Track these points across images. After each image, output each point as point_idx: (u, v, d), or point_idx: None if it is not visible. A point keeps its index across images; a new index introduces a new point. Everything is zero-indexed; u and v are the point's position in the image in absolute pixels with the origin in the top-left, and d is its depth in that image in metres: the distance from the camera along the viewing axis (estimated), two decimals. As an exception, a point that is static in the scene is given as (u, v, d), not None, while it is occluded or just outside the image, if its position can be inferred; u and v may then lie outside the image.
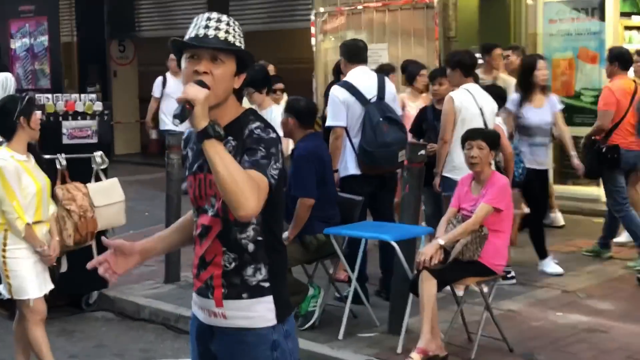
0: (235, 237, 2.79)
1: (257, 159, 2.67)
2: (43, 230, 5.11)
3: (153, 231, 4.90)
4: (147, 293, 7.04)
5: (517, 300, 6.45)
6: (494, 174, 5.37)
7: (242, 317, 2.83)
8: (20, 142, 5.04)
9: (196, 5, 15.48)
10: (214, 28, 2.75)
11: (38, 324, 5.08)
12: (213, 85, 2.70)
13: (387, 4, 11.81)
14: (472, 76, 6.85)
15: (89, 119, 6.83)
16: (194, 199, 2.88)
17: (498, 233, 5.23)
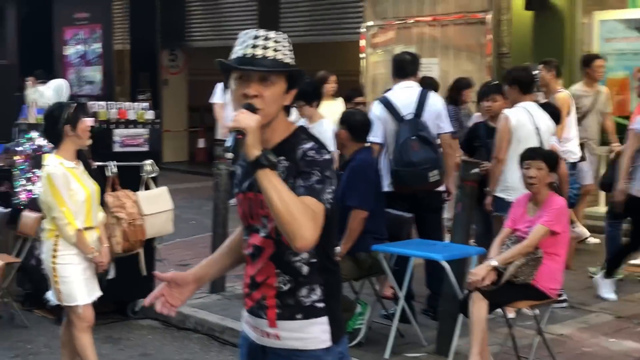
0: (289, 260, 2.73)
1: (312, 184, 2.61)
2: (93, 237, 5.12)
3: (200, 240, 4.97)
4: (193, 303, 7.01)
5: (568, 325, 6.30)
6: (552, 195, 5.25)
7: (296, 338, 2.77)
8: (68, 149, 5.05)
9: (247, 15, 15.56)
10: (262, 47, 2.67)
11: (85, 330, 5.09)
12: (264, 107, 2.64)
13: (439, 19, 11.72)
14: (529, 93, 6.72)
15: (140, 127, 6.86)
16: (243, 217, 2.82)
17: (554, 256, 5.11)
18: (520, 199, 5.43)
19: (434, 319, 6.33)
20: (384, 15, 12.39)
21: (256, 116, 2.57)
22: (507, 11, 10.94)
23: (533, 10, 10.64)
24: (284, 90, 2.71)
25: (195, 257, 8.84)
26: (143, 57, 17.22)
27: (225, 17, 16.29)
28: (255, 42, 2.67)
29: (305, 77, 2.81)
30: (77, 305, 5.03)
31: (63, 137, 5.01)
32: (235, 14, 15.95)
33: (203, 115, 18.69)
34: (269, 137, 2.71)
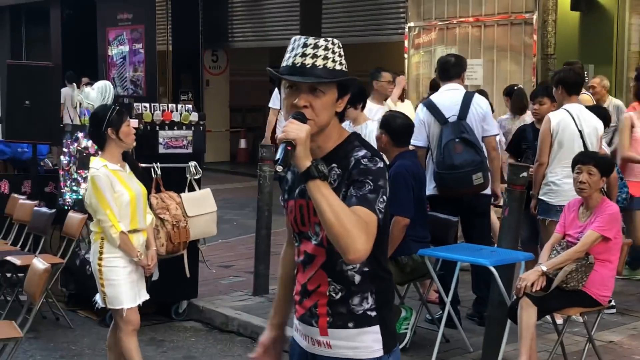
0: (341, 269, 2.68)
1: (365, 194, 2.56)
2: (140, 240, 5.10)
3: (241, 241, 4.79)
4: (236, 305, 7.00)
5: (617, 332, 6.17)
6: (604, 200, 5.14)
7: (347, 347, 2.72)
8: (112, 151, 5.04)
9: (289, 17, 15.56)
10: (311, 56, 2.61)
11: (131, 334, 5.07)
12: (314, 118, 2.61)
13: (483, 20, 11.60)
14: (575, 94, 6.60)
15: (184, 129, 6.85)
16: (294, 224, 2.77)
17: (605, 263, 4.99)
18: (571, 204, 5.32)
19: (479, 324, 6.25)
20: (427, 15, 12.31)
21: (306, 126, 2.52)
22: (553, 11, 10.81)
23: (579, 10, 10.50)
24: (335, 99, 2.67)
25: (237, 258, 8.85)
26: (185, 58, 17.32)
27: (267, 18, 16.30)
28: (304, 51, 2.62)
29: (356, 82, 2.75)
30: (122, 309, 5.01)
31: (107, 140, 5.01)
32: (277, 15, 15.96)
33: (245, 115, 18.80)
34: (322, 144, 2.68)
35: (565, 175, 6.25)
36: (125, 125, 5.03)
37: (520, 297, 4.91)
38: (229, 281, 7.88)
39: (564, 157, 6.30)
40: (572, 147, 6.29)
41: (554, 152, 6.34)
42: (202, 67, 17.56)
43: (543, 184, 6.40)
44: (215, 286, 7.63)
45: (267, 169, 7.22)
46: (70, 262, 6.90)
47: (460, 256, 5.43)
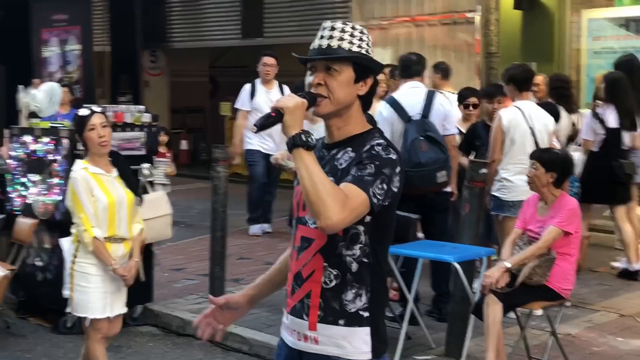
0: (340, 253, 2.66)
1: (363, 175, 2.58)
2: (120, 249, 4.89)
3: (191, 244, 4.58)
4: (192, 308, 6.92)
5: (574, 324, 6.28)
6: (563, 196, 5.22)
7: (335, 344, 2.68)
8: (92, 157, 4.89)
9: (230, 17, 15.42)
10: (328, 37, 2.69)
11: (98, 341, 4.93)
12: (330, 95, 2.66)
13: (426, 19, 11.69)
14: (526, 91, 6.69)
15: (137, 131, 6.74)
16: (296, 209, 2.78)
17: (566, 256, 5.07)
18: (530, 199, 5.39)
19: (439, 320, 6.30)
20: (370, 15, 12.35)
21: (299, 99, 2.59)
22: (495, 10, 10.93)
23: (522, 9, 10.66)
24: (351, 79, 2.69)
25: (189, 261, 8.74)
26: (123, 59, 17.02)
27: (207, 18, 16.13)
28: (325, 33, 2.70)
29: (376, 64, 2.76)
30: (86, 318, 4.88)
31: (86, 144, 4.88)
32: (217, 15, 15.81)
33: (185, 117, 18.60)
34: (342, 126, 2.72)
35: (517, 171, 6.35)
36: (88, 131, 4.83)
37: (485, 294, 4.95)
38: (183, 284, 7.78)
39: (516, 154, 6.41)
40: (523, 144, 6.40)
41: (506, 149, 6.44)
42: (141, 68, 17.28)
43: (496, 180, 6.49)
44: (169, 290, 7.53)
45: (222, 170, 7.13)
46: (20, 269, 6.72)
47: (425, 253, 5.45)
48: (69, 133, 6.40)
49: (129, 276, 4.86)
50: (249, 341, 6.16)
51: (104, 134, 4.84)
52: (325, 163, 2.69)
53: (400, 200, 6.16)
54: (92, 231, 4.74)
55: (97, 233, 4.76)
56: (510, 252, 5.18)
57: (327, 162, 2.71)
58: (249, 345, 6.15)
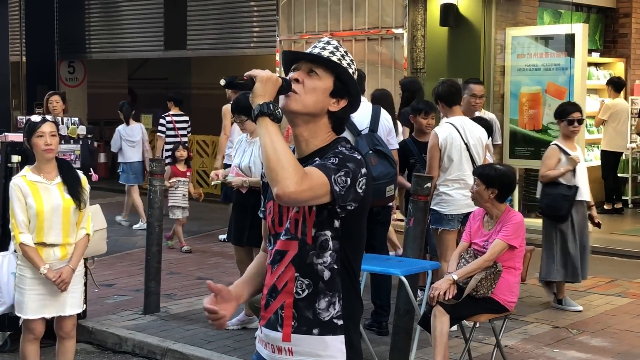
0: (312, 262, 2.66)
1: (325, 163, 2.59)
2: (52, 254, 5.02)
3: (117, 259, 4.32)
4: (128, 324, 6.77)
5: (510, 336, 6.38)
6: (509, 210, 5.32)
7: (310, 354, 2.67)
8: (38, 163, 5.05)
9: (152, 28, 15.26)
10: (329, 51, 2.74)
11: (31, 341, 5.16)
12: (300, 93, 2.67)
13: (354, 34, 11.80)
14: (456, 105, 6.76)
15: (72, 143, 6.58)
16: (272, 226, 2.77)
17: (511, 270, 5.17)
18: (475, 213, 5.48)
19: (379, 334, 6.33)
20: (298, 29, 12.39)
21: (273, 74, 2.60)
22: (422, 27, 11.14)
23: (448, 26, 10.85)
24: (328, 89, 2.70)
25: (118, 276, 8.57)
26: (40, 69, 16.65)
27: (127, 29, 15.91)
28: (325, 46, 2.76)
29: (356, 89, 2.77)
30: (21, 317, 5.09)
31: (33, 149, 5.05)
32: (138, 26, 15.61)
33: (103, 129, 18.24)
34: (309, 139, 2.72)
35: (456, 187, 6.46)
36: (36, 137, 4.97)
37: (433, 306, 5.00)
38: (114, 300, 7.61)
39: (454, 170, 6.50)
40: (460, 159, 6.50)
41: (443, 166, 6.51)
42: (58, 79, 16.93)
43: (435, 194, 6.56)
44: (101, 306, 7.35)
45: (158, 183, 7.03)
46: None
47: (372, 267, 5.47)
48: (1, 146, 6.21)
49: (58, 281, 4.97)
50: (189, 357, 6.06)
51: (51, 143, 5.00)
52: None
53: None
54: (19, 237, 4.93)
55: (23, 239, 4.92)
56: (456, 265, 5.25)
57: None
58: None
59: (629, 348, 6.21)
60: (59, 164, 5.10)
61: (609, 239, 10.44)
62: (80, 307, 5.24)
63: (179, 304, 7.41)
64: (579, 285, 8.14)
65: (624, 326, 6.78)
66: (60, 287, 4.98)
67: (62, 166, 5.12)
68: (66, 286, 5.01)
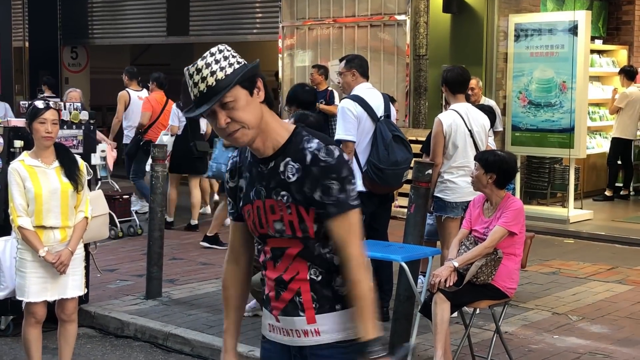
0: (319, 252, 2.68)
1: (337, 198, 2.60)
2: (52, 236, 5.06)
3: (118, 245, 4.19)
4: (130, 309, 6.80)
5: (510, 323, 6.41)
6: (508, 197, 5.32)
7: (337, 330, 2.71)
8: (36, 148, 5.08)
9: (154, 14, 15.23)
10: (201, 81, 2.56)
11: (33, 325, 5.19)
12: (244, 124, 2.59)
13: (356, 20, 11.78)
14: (460, 93, 6.76)
15: (74, 128, 6.59)
16: (254, 228, 2.76)
17: (511, 256, 5.17)
18: (476, 200, 5.48)
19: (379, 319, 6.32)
20: (301, 15, 12.37)
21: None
22: (424, 13, 11.12)
23: (451, 12, 10.83)
24: (248, 95, 2.60)
25: (120, 261, 8.60)
26: (43, 55, 16.63)
27: (130, 14, 15.88)
28: (194, 80, 2.57)
29: (255, 66, 2.66)
30: (22, 300, 5.12)
31: (32, 134, 5.06)
32: (141, 12, 15.58)
33: (105, 114, 18.23)
34: (266, 139, 2.66)
35: (460, 174, 6.46)
36: (38, 123, 4.98)
37: (434, 293, 5.02)
38: (117, 285, 7.64)
39: (459, 157, 6.50)
40: (464, 146, 6.50)
41: (448, 154, 6.50)
42: (61, 64, 16.92)
43: (439, 182, 6.55)
44: (103, 291, 7.38)
45: (160, 169, 7.05)
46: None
47: (372, 253, 5.46)
48: (4, 131, 6.23)
49: (57, 263, 5.01)
50: (190, 342, 6.09)
51: (52, 131, 5.03)
52: (267, 178, 2.68)
53: (367, 199, 6.28)
54: (17, 220, 4.97)
55: (22, 222, 4.96)
56: (456, 252, 5.26)
57: (270, 177, 2.68)
58: (190, 346, 6.08)
59: (628, 335, 6.23)
60: (57, 149, 5.14)
61: (610, 226, 10.47)
62: (81, 289, 5.27)
63: (181, 289, 7.44)
64: (579, 272, 8.19)
65: (623, 313, 6.80)
66: (59, 269, 5.02)
67: (59, 150, 5.15)
68: (65, 268, 5.05)
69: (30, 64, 16.90)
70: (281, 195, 2.66)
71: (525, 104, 10.60)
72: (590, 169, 12.46)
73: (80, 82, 17.19)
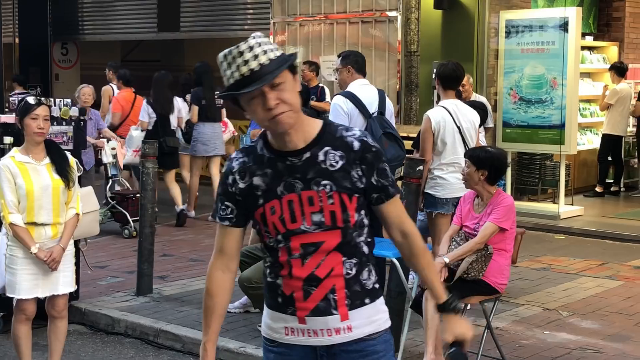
0: (355, 242, 2.70)
1: (393, 179, 2.78)
2: (44, 233, 5.04)
3: (111, 240, 4.09)
4: (121, 306, 6.79)
5: (501, 318, 6.42)
6: (499, 193, 5.32)
7: (366, 324, 2.72)
8: (27, 143, 5.05)
9: (145, 10, 15.19)
10: (253, 59, 2.56)
11: (23, 322, 5.18)
12: (291, 107, 2.61)
13: (348, 17, 11.78)
14: (451, 89, 6.75)
15: (64, 125, 6.57)
16: (281, 224, 2.68)
17: (502, 252, 5.18)
18: (466, 196, 5.49)
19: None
20: (292, 11, 12.35)
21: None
22: (416, 10, 11.12)
23: (442, 8, 10.83)
24: (293, 80, 2.65)
25: (110, 258, 8.59)
26: (33, 51, 16.56)
27: (120, 10, 15.83)
28: (244, 58, 2.57)
29: (295, 55, 2.70)
30: (13, 297, 5.10)
31: (23, 130, 5.04)
32: (132, 8, 15.54)
33: (96, 111, 18.18)
34: (299, 129, 2.67)
35: (450, 170, 6.46)
36: (29, 118, 4.97)
37: (425, 289, 5.02)
38: (107, 282, 7.63)
39: (448, 154, 6.50)
40: (453, 142, 6.50)
41: (437, 150, 6.49)
42: (51, 61, 16.86)
43: (429, 178, 6.55)
44: (93, 287, 7.37)
45: (151, 165, 7.03)
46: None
47: (363, 249, 5.47)
48: (-7, 127, 6.22)
49: (49, 260, 4.99)
50: (181, 339, 6.08)
51: (44, 127, 5.01)
52: (303, 169, 2.66)
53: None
54: (8, 217, 4.95)
55: (13, 219, 4.94)
56: (447, 247, 5.26)
57: (307, 168, 2.66)
58: (181, 342, 6.07)
59: (618, 330, 6.25)
60: (47, 145, 5.12)
61: (601, 222, 10.51)
62: (72, 286, 5.26)
63: (172, 286, 7.43)
64: (570, 268, 8.22)
65: (614, 308, 6.83)
66: (51, 266, 5.01)
67: (50, 147, 5.13)
68: (57, 265, 5.04)
69: (20, 61, 16.83)
70: (322, 184, 2.65)
71: (516, 101, 10.62)
72: (580, 165, 12.50)
73: (70, 78, 17.16)
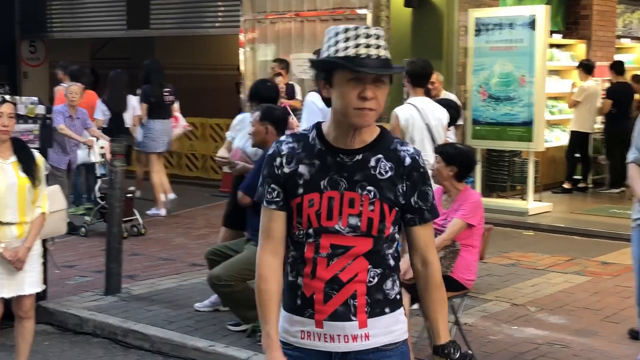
0: (384, 253, 2.68)
1: (432, 205, 2.75)
2: (9, 232, 4.98)
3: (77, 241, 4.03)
4: (89, 305, 6.74)
5: (469, 314, 6.45)
6: (466, 189, 5.36)
7: (384, 333, 2.69)
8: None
9: (114, 7, 15.09)
10: (375, 47, 2.54)
11: None
12: (378, 108, 2.59)
13: (318, 14, 11.77)
14: (420, 87, 6.77)
15: (30, 123, 6.50)
16: (315, 218, 2.63)
17: (469, 248, 5.21)
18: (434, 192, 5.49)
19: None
20: (262, 9, 12.33)
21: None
22: (386, 7, 11.15)
23: (412, 7, 10.86)
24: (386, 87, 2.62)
25: (79, 257, 8.52)
26: (1, 49, 16.36)
27: (89, 8, 15.72)
28: (368, 42, 2.54)
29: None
30: None
31: None
32: (100, 5, 15.43)
33: (65, 109, 18.03)
34: (361, 133, 2.65)
35: None
36: None
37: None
38: (76, 281, 7.57)
39: None
40: (422, 140, 6.51)
41: None
42: (19, 59, 16.70)
43: None
44: (61, 287, 7.31)
45: (119, 164, 6.99)
46: None
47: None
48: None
49: (14, 259, 4.95)
50: (150, 338, 6.04)
51: (8, 124, 4.96)
52: (352, 170, 2.63)
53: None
54: None
55: None
56: (415, 245, 5.27)
57: (356, 169, 2.64)
58: (150, 342, 6.04)
59: (586, 325, 6.31)
60: (13, 143, 5.07)
61: (569, 218, 10.60)
62: (39, 286, 5.22)
63: (141, 285, 7.39)
64: (538, 264, 8.28)
65: (581, 304, 6.89)
66: (16, 265, 4.96)
67: (16, 145, 5.09)
68: (22, 265, 5.00)
69: (-13, 59, 16.63)
70: (367, 190, 2.62)
71: (485, 98, 10.68)
72: (549, 162, 12.60)
73: (39, 76, 17.02)
